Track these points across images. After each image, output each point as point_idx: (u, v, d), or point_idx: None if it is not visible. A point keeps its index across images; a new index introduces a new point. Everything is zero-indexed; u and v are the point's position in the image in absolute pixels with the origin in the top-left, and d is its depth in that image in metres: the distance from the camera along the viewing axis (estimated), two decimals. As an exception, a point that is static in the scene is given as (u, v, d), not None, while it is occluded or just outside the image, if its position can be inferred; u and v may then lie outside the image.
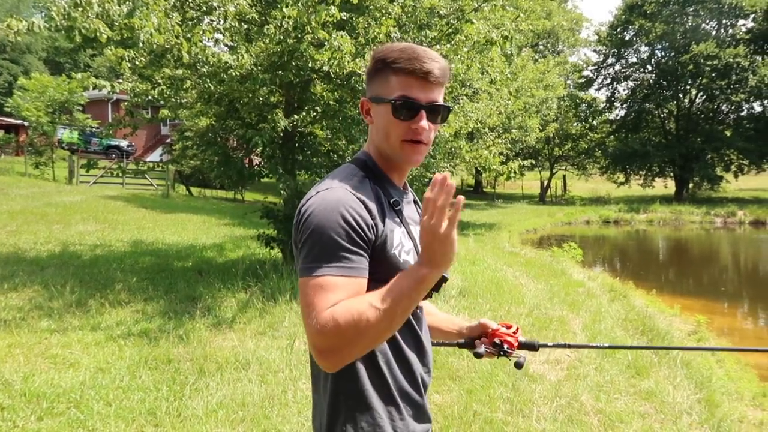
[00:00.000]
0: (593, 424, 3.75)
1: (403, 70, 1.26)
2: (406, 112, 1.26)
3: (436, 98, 1.28)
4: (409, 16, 7.20)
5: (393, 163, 1.35)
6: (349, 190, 1.23)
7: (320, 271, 1.14)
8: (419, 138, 1.28)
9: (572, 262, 11.76)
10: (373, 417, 1.26)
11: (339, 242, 1.16)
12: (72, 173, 20.37)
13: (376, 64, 1.31)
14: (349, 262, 1.15)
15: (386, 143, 1.31)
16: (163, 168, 19.41)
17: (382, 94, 1.29)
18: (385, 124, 1.29)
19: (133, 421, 3.48)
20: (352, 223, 1.17)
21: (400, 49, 1.27)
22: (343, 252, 1.15)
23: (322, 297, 1.11)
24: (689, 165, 32.85)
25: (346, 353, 1.10)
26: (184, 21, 6.05)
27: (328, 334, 1.07)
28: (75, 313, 5.62)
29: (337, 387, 1.27)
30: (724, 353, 6.20)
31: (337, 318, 1.07)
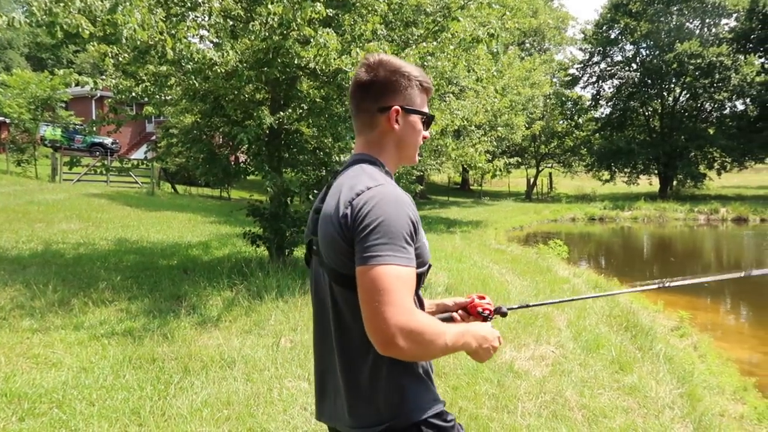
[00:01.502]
0: (577, 420, 3.78)
1: (427, 90, 1.51)
2: (429, 124, 1.54)
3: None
4: (395, 14, 7.20)
5: (398, 164, 1.57)
6: (400, 189, 1.38)
7: (391, 260, 1.25)
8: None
9: (558, 259, 11.85)
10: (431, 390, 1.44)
11: (404, 235, 1.29)
12: (55, 171, 20.12)
13: (403, 78, 1.47)
14: (409, 253, 1.29)
15: (411, 149, 1.54)
16: (148, 165, 19.13)
17: (417, 106, 1.50)
18: (415, 133, 1.51)
19: (117, 420, 3.44)
20: (413, 219, 1.33)
21: (417, 71, 1.50)
22: (406, 244, 1.29)
23: (401, 289, 1.24)
24: (673, 163, 33.20)
25: (409, 354, 1.26)
26: (168, 17, 5.99)
27: (415, 340, 1.23)
28: (57, 312, 5.55)
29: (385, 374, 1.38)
30: (705, 348, 6.29)
31: (423, 328, 1.25)
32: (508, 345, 5.25)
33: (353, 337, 1.38)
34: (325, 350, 1.49)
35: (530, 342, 5.35)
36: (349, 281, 1.33)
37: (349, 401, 1.42)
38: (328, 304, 1.44)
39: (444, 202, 30.16)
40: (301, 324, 5.53)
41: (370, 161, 1.47)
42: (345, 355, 1.42)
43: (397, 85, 1.46)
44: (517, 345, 5.27)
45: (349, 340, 1.40)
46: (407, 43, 7.23)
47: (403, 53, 6.42)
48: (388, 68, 1.46)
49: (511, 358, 4.92)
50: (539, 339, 5.46)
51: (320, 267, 1.46)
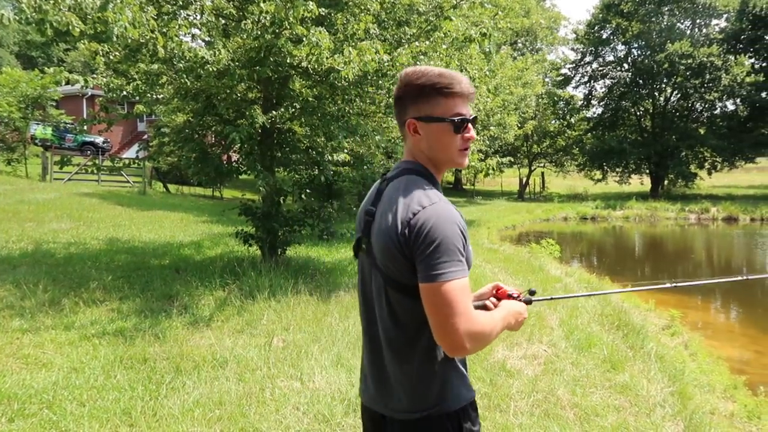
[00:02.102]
0: (569, 418, 3.79)
1: (455, 93, 1.54)
2: (461, 127, 1.56)
3: (470, 111, 1.59)
4: (388, 13, 7.19)
5: (442, 168, 1.64)
6: (449, 203, 1.50)
7: (453, 275, 1.40)
8: (468, 145, 1.60)
9: (550, 258, 11.89)
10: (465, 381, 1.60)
11: (459, 249, 1.43)
12: (45, 170, 19.96)
13: (422, 89, 1.55)
14: (464, 264, 1.44)
15: (445, 154, 1.59)
16: (140, 165, 19.14)
17: (438, 114, 1.55)
18: (444, 138, 1.56)
19: (108, 421, 3.42)
20: (463, 233, 1.47)
21: (444, 75, 1.54)
22: (461, 256, 1.43)
23: (464, 299, 1.40)
24: (664, 162, 33.40)
25: (473, 351, 1.43)
26: (160, 15, 5.96)
27: (475, 339, 1.40)
28: (48, 312, 5.51)
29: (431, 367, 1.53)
30: (696, 347, 6.33)
31: (481, 330, 1.42)
32: (500, 344, 5.26)
33: (403, 334, 1.53)
34: (371, 339, 1.64)
35: (522, 341, 5.37)
36: (405, 288, 1.50)
37: (396, 389, 1.56)
38: (375, 300, 1.60)
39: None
40: (293, 323, 5.52)
41: (416, 170, 1.59)
42: (393, 348, 1.56)
43: (413, 97, 1.57)
44: (509, 344, 5.28)
45: (399, 336, 1.54)
46: (400, 42, 7.23)
47: (396, 52, 6.41)
48: (406, 81, 1.58)
49: (504, 357, 4.93)
50: (531, 338, 5.47)
51: (372, 267, 1.60)
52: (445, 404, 1.53)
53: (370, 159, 8.57)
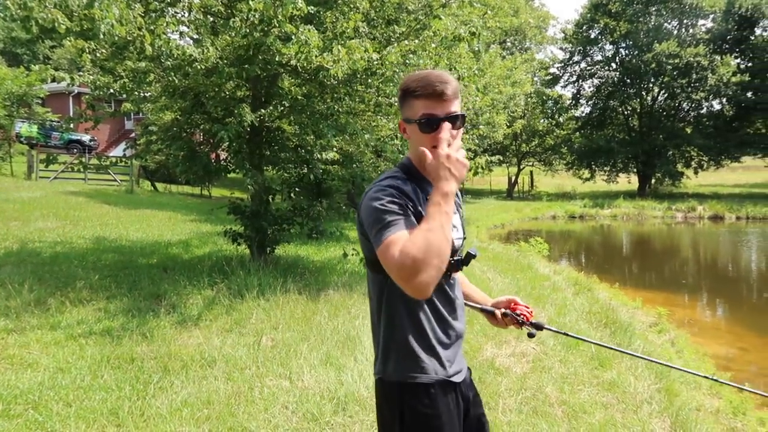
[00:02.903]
0: (557, 416, 3.82)
1: (422, 95, 1.61)
2: (429, 126, 1.60)
3: (452, 110, 1.61)
4: (377, 11, 7.18)
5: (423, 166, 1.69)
6: (391, 183, 1.61)
7: (387, 236, 1.48)
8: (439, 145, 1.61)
9: (538, 257, 11.95)
10: (417, 362, 1.64)
11: (391, 210, 1.52)
12: (31, 168, 19.72)
13: (402, 93, 1.67)
14: (396, 221, 1.51)
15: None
16: (127, 163, 18.94)
17: (410, 116, 1.64)
18: (417, 138, 1.64)
19: (95, 421, 3.40)
20: (397, 198, 1.56)
21: (417, 79, 1.63)
22: (393, 216, 1.51)
23: (396, 247, 1.44)
24: (652, 161, 33.68)
25: (435, 274, 1.40)
26: (147, 12, 5.90)
27: (411, 266, 1.38)
28: (33, 312, 5.46)
29: (387, 339, 1.68)
30: (682, 344, 6.39)
31: (412, 252, 1.39)
32: (489, 342, 5.28)
33: (373, 305, 1.73)
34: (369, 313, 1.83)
35: (511, 339, 5.39)
36: (370, 264, 1.68)
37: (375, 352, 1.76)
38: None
39: (426, 200, 30.14)
40: (282, 322, 5.51)
41: (403, 163, 1.73)
42: (371, 318, 1.77)
43: (400, 102, 1.71)
44: (498, 342, 5.31)
45: (372, 308, 1.74)
46: (389, 40, 7.22)
47: (385, 51, 6.40)
48: (399, 88, 1.70)
49: (492, 355, 4.95)
50: (520, 336, 5.50)
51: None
52: (387, 373, 1.67)
53: (360, 157, 8.56)
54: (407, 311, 1.64)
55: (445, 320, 1.70)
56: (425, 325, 1.66)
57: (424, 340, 1.65)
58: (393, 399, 1.67)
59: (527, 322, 1.85)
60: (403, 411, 1.65)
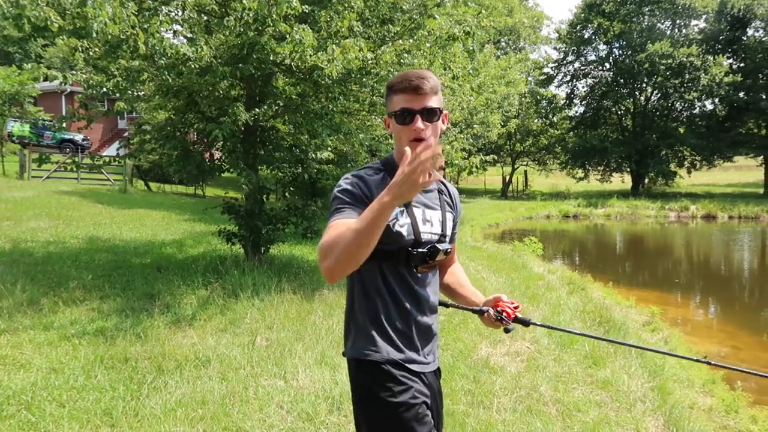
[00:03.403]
0: (552, 414, 3.83)
1: (400, 89, 1.71)
2: (404, 118, 1.69)
3: (428, 104, 1.69)
4: (371, 11, 7.17)
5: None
6: (357, 173, 1.76)
7: (331, 219, 1.64)
8: (420, 136, 1.68)
9: (533, 256, 11.98)
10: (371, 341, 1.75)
11: (342, 198, 1.68)
12: (23, 168, 19.60)
13: (386, 91, 1.78)
14: (343, 208, 1.65)
15: (398, 145, 1.75)
16: (121, 162, 18.83)
17: (390, 110, 1.75)
18: (396, 131, 1.74)
19: (88, 422, 3.38)
20: (355, 188, 1.70)
21: (399, 76, 1.74)
22: (340, 204, 1.67)
23: (327, 231, 1.60)
24: (645, 161, 33.83)
25: (336, 265, 1.52)
26: (141, 11, 5.87)
27: (324, 250, 1.54)
28: (26, 312, 5.42)
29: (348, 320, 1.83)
30: (675, 342, 6.42)
31: (326, 240, 1.55)
32: (484, 341, 5.29)
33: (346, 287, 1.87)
34: None
35: (506, 338, 5.40)
36: None
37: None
38: None
39: (420, 199, 30.15)
40: (277, 322, 5.50)
41: (385, 157, 1.85)
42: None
43: (385, 99, 1.81)
44: (492, 341, 5.32)
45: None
46: (384, 40, 7.22)
47: (380, 50, 6.40)
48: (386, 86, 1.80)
49: (487, 354, 4.96)
50: (515, 335, 5.51)
51: None
52: (347, 349, 1.83)
53: (354, 157, 8.56)
54: (366, 297, 1.76)
55: (405, 311, 1.77)
56: (381, 312, 1.75)
57: (379, 326, 1.75)
58: (351, 375, 1.81)
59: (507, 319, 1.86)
60: (356, 385, 1.78)
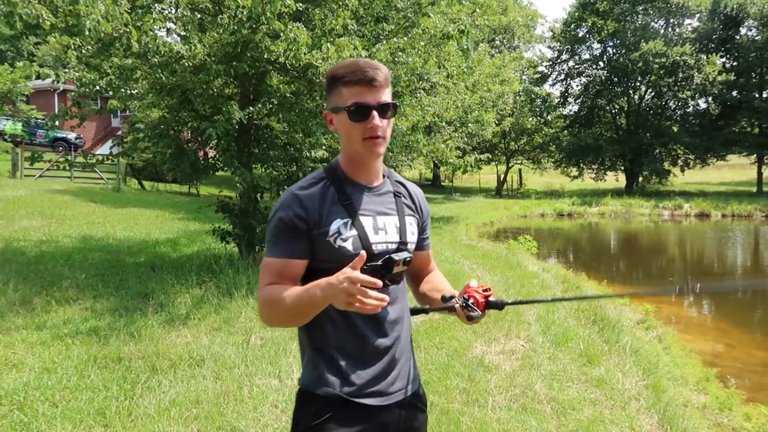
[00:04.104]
0: (546, 412, 3.83)
1: (351, 81, 1.52)
2: (360, 114, 1.51)
3: (382, 99, 1.53)
4: (366, 9, 7.17)
5: (357, 161, 1.60)
6: (293, 191, 1.58)
7: (266, 253, 1.56)
8: (376, 134, 1.52)
9: (527, 255, 12.00)
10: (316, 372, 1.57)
11: (274, 233, 1.55)
12: (15, 166, 19.49)
13: (329, 81, 1.58)
14: (275, 245, 1.54)
15: (350, 145, 1.57)
16: (114, 161, 18.74)
17: (339, 104, 1.54)
18: (346, 128, 1.54)
19: (81, 422, 3.36)
20: (284, 219, 1.53)
21: (346, 65, 1.54)
22: (273, 239, 1.55)
23: (263, 275, 1.54)
24: (639, 159, 33.95)
25: (273, 322, 1.55)
26: (134, 8, 5.85)
27: (260, 306, 1.53)
28: (19, 311, 5.39)
29: (301, 343, 1.66)
30: (669, 341, 6.44)
31: (264, 298, 1.50)
32: (478, 340, 5.29)
33: None
34: None
35: (500, 336, 5.41)
36: None
37: None
38: None
39: (415, 198, 30.14)
40: (271, 321, 5.48)
41: (330, 164, 1.66)
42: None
43: (327, 91, 1.61)
44: (487, 339, 5.32)
45: None
46: (378, 38, 7.21)
47: (374, 48, 6.40)
48: (326, 76, 1.62)
49: (482, 353, 4.96)
50: (509, 333, 5.52)
51: None
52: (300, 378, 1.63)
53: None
54: (315, 319, 1.52)
55: (360, 335, 1.56)
56: (329, 338, 1.56)
57: (326, 353, 1.56)
58: (294, 406, 1.62)
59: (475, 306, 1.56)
60: (293, 420, 1.60)
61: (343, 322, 1.55)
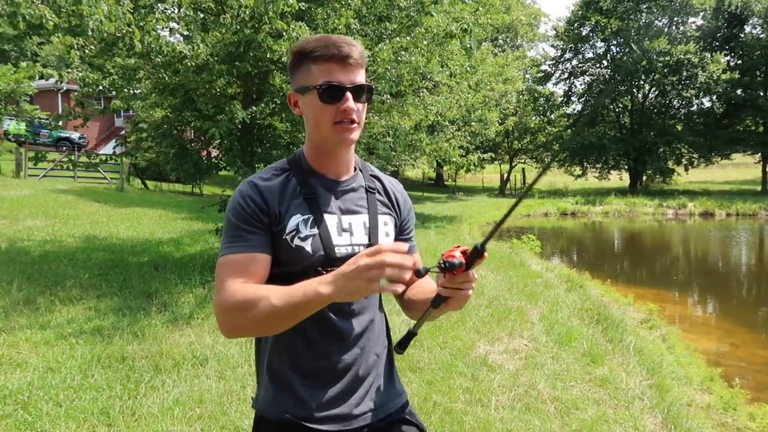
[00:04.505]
0: (550, 412, 3.82)
1: (323, 57, 1.31)
2: (332, 95, 1.31)
3: (357, 79, 1.34)
4: (368, 8, 7.16)
5: (325, 150, 1.40)
6: (252, 180, 1.38)
7: (223, 251, 1.32)
8: (350, 118, 1.33)
9: (531, 254, 11.98)
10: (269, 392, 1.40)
11: (237, 225, 1.33)
12: (19, 166, 19.55)
13: (295, 57, 1.37)
14: (238, 239, 1.31)
15: (317, 130, 1.37)
16: (117, 161, 18.76)
17: (307, 83, 1.34)
18: (314, 110, 1.34)
19: (85, 421, 3.37)
20: (246, 208, 1.33)
21: (316, 39, 1.34)
22: (235, 233, 1.32)
23: (223, 276, 1.28)
24: (643, 158, 33.88)
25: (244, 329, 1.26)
26: (136, 8, 5.86)
27: (226, 311, 1.24)
28: (23, 311, 5.40)
29: (257, 361, 1.47)
30: (673, 340, 6.42)
31: (233, 301, 1.23)
32: (482, 339, 5.28)
33: None
34: None
35: (504, 336, 5.40)
36: None
37: None
38: None
39: (419, 197, 30.21)
40: (274, 320, 5.48)
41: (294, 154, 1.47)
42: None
43: (293, 68, 1.39)
44: (490, 339, 5.31)
45: None
46: (381, 37, 7.21)
47: (377, 48, 6.39)
48: (291, 52, 1.41)
49: (485, 352, 4.95)
50: (512, 333, 5.51)
51: None
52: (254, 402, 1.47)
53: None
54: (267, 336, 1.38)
55: (320, 350, 1.38)
56: (284, 353, 1.38)
57: (279, 372, 1.39)
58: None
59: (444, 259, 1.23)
60: None
61: (298, 336, 1.36)
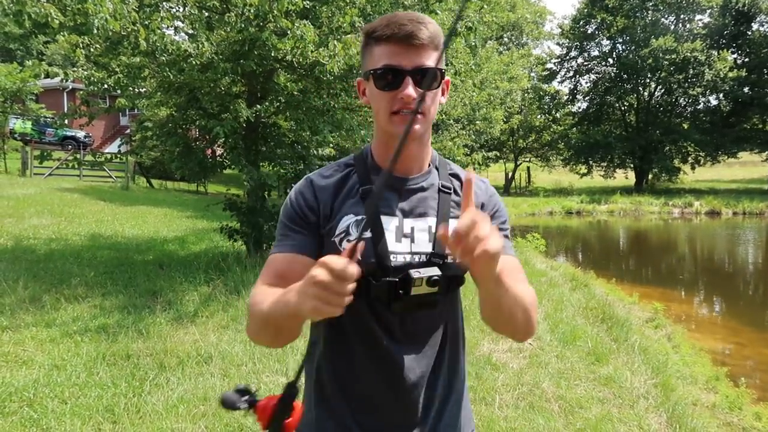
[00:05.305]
0: (554, 411, 3.81)
1: (383, 37, 1.13)
2: (388, 81, 1.14)
3: (424, 62, 1.13)
4: (373, 6, 7.15)
5: (388, 144, 1.23)
6: (310, 176, 1.28)
7: (271, 250, 1.24)
8: (409, 108, 1.13)
9: (535, 253, 11.96)
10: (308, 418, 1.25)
11: (286, 224, 1.24)
12: (25, 165, 19.64)
13: (364, 40, 1.20)
14: (285, 238, 1.22)
15: (378, 120, 1.21)
16: (122, 159, 18.91)
17: (368, 67, 1.18)
18: (374, 99, 1.19)
19: (90, 418, 3.38)
20: (294, 206, 1.23)
21: (382, 18, 1.16)
22: (284, 230, 1.23)
23: (261, 275, 1.21)
24: (648, 157, 33.71)
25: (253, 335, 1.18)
26: (142, 7, 5.87)
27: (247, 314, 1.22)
28: (28, 309, 5.43)
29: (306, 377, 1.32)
30: (679, 339, 6.40)
31: (249, 303, 1.16)
32: (486, 338, 5.27)
33: None
34: None
35: (508, 334, 5.38)
36: None
37: None
38: None
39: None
40: (279, 319, 5.48)
41: (364, 147, 1.34)
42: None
43: (362, 53, 1.23)
44: (495, 337, 5.30)
45: None
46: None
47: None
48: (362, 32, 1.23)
49: (489, 351, 4.95)
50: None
51: None
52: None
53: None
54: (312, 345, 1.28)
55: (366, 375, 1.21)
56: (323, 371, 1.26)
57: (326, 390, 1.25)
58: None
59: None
60: None
61: (350, 359, 1.22)
